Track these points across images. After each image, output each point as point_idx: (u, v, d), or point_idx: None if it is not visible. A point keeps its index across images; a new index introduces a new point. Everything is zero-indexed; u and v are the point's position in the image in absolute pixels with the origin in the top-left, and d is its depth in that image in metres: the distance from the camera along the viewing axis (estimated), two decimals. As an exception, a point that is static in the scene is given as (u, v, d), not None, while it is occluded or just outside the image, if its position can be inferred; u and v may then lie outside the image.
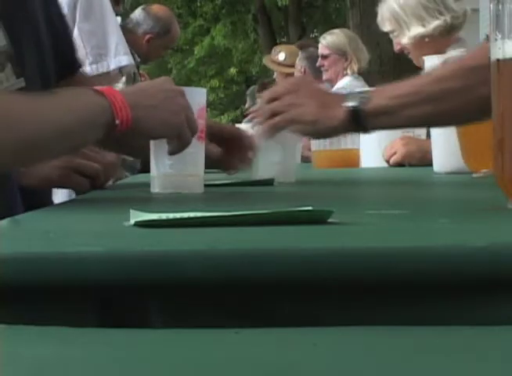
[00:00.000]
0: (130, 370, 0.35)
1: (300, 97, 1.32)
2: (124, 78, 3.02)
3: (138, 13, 3.37)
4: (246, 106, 6.57)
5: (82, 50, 1.85)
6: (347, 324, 0.45)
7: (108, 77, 1.87)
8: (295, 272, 0.53)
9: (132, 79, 3.09)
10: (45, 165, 1.30)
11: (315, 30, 16.34)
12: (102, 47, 1.85)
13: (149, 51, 3.29)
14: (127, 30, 3.21)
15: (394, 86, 1.30)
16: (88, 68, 1.84)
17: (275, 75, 5.43)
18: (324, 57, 4.03)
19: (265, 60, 5.78)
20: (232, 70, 16.60)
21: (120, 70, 1.97)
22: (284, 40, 14.80)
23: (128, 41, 3.14)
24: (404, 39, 2.63)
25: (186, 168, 1.13)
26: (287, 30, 15.18)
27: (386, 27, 2.75)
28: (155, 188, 1.14)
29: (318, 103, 1.31)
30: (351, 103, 1.28)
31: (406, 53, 2.76)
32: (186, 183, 1.13)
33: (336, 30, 4.20)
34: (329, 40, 4.03)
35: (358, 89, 1.42)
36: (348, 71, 3.96)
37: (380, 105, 1.27)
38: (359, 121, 1.28)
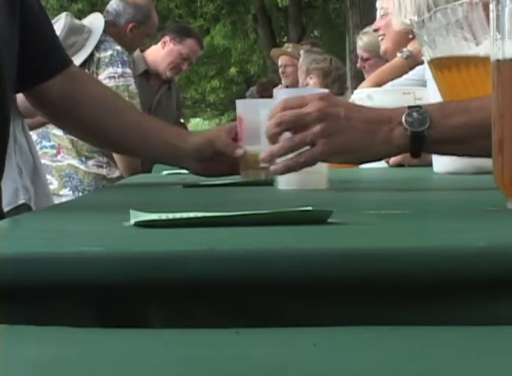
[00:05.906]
0: (130, 370, 0.35)
1: (337, 122, 1.08)
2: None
3: (116, 5, 3.30)
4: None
5: None
6: (347, 324, 0.45)
7: None
8: (295, 272, 0.53)
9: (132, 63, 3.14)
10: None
11: (315, 30, 16.35)
12: None
13: (132, 40, 3.28)
14: (108, 25, 3.20)
15: (456, 106, 1.11)
16: None
17: (281, 70, 5.39)
18: (364, 60, 3.75)
19: (274, 52, 5.75)
20: (232, 70, 16.59)
21: None
22: (284, 40, 14.80)
23: (111, 35, 3.14)
24: (396, 21, 2.51)
25: None
26: (287, 30, 15.18)
27: (385, 1, 2.69)
28: (280, 185, 1.16)
29: (361, 127, 1.08)
30: (410, 127, 1.07)
31: (379, 35, 2.74)
32: (310, 180, 1.15)
33: (371, 29, 3.70)
34: (365, 41, 3.72)
35: (407, 105, 1.14)
36: None
37: (447, 131, 1.07)
38: (421, 147, 1.09)
